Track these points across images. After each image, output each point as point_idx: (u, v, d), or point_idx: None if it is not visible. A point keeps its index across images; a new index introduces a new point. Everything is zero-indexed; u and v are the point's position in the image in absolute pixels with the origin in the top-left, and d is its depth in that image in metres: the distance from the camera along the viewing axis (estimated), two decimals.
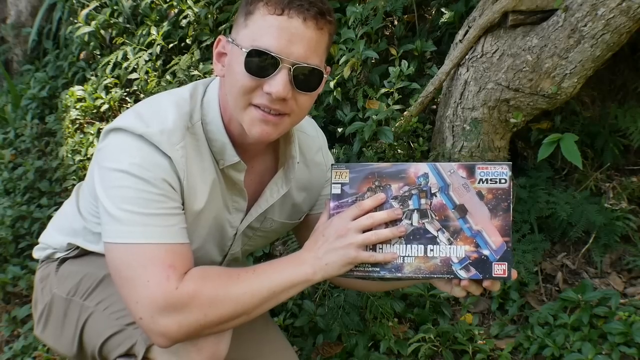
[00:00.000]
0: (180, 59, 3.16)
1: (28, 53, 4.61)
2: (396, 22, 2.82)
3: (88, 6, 3.80)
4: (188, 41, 3.27)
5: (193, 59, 3.11)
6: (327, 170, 1.54)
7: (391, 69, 2.51)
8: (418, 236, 1.20)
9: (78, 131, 3.46)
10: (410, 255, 1.20)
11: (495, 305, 2.18)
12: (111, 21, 3.65)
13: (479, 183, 1.19)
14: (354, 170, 1.26)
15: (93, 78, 3.65)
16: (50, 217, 2.90)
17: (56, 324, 1.47)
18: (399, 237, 1.21)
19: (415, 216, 1.21)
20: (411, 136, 2.46)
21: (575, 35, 2.02)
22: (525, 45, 2.13)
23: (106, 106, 3.40)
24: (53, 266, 1.52)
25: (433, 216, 1.20)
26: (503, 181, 1.18)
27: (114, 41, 3.63)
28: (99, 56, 3.77)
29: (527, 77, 2.14)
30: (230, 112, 1.26)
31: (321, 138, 1.57)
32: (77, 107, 3.48)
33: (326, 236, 1.21)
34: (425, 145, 2.42)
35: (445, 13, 2.66)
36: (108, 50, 3.74)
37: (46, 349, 2.30)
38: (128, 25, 3.63)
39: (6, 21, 4.81)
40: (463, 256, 1.18)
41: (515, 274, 1.19)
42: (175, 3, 3.33)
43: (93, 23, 3.69)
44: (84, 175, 3.07)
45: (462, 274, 1.18)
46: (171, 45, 3.32)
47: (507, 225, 1.17)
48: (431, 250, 1.20)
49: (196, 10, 3.20)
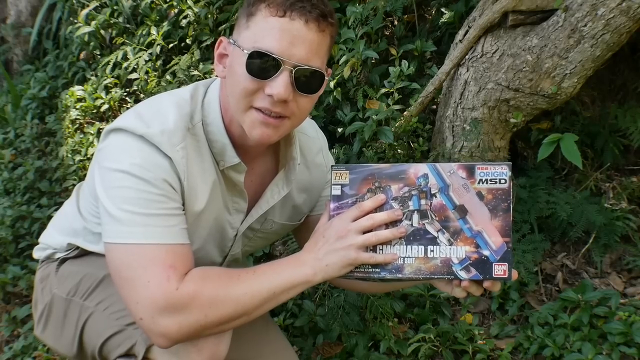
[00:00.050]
0: (180, 59, 3.16)
1: (29, 53, 4.60)
2: (396, 22, 2.82)
3: (88, 6, 3.80)
4: (188, 41, 3.27)
5: (193, 59, 3.11)
6: (328, 171, 1.54)
7: (391, 69, 2.51)
8: (418, 237, 1.20)
9: (78, 131, 3.46)
10: (410, 256, 1.20)
11: (495, 305, 2.18)
12: (111, 21, 3.65)
13: (479, 183, 1.19)
14: (354, 171, 1.25)
15: (93, 78, 3.65)
16: (50, 217, 2.90)
17: (56, 324, 1.47)
18: (399, 238, 1.21)
19: (415, 217, 1.21)
20: (411, 136, 2.46)
21: (575, 35, 2.02)
22: (525, 45, 2.13)
23: (106, 106, 3.40)
24: (53, 266, 1.52)
25: (433, 217, 1.20)
26: (503, 181, 1.18)
27: (114, 41, 3.63)
28: (99, 56, 3.77)
29: (527, 77, 2.14)
30: (231, 114, 1.26)
31: (321, 139, 1.57)
32: (77, 107, 3.48)
33: (326, 237, 1.21)
34: (425, 145, 2.42)
35: (445, 13, 2.65)
36: (108, 50, 3.74)
37: (46, 349, 2.30)
38: (128, 25, 3.62)
39: (6, 21, 4.81)
40: (463, 257, 1.18)
41: (515, 275, 1.19)
42: (175, 3, 3.33)
43: (93, 23, 3.69)
44: (84, 175, 3.06)
45: (463, 275, 1.18)
46: (171, 45, 3.32)
47: (507, 225, 1.17)
48: (431, 251, 1.20)
49: (196, 10, 3.20)
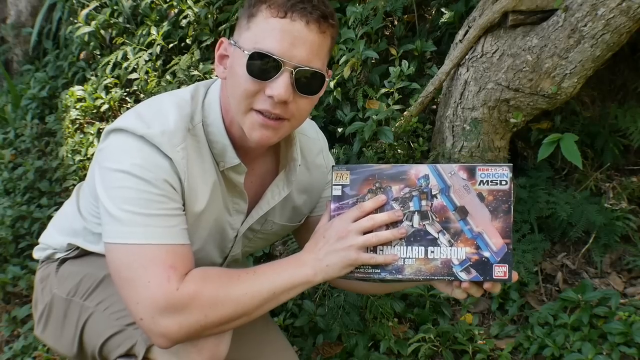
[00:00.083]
0: (180, 59, 3.16)
1: (29, 53, 4.60)
2: (396, 22, 2.82)
3: (88, 6, 3.80)
4: (188, 41, 3.27)
5: (193, 59, 3.11)
6: (328, 172, 1.54)
7: (391, 69, 2.51)
8: (419, 238, 1.20)
9: (78, 131, 3.46)
10: (410, 256, 1.20)
11: (495, 305, 2.18)
12: (111, 21, 3.65)
13: (480, 185, 1.19)
14: (355, 171, 1.25)
15: (93, 78, 3.65)
16: (50, 217, 2.90)
17: (56, 324, 1.47)
18: (400, 239, 1.21)
19: (415, 218, 1.21)
20: (411, 136, 2.46)
21: (575, 35, 2.02)
22: (525, 45, 2.13)
23: (106, 106, 3.40)
24: (53, 266, 1.52)
25: (434, 218, 1.20)
26: (504, 183, 1.18)
27: (114, 41, 3.63)
28: (99, 56, 3.77)
29: (527, 77, 2.14)
30: (231, 115, 1.26)
31: (322, 140, 1.57)
32: (77, 107, 3.48)
33: (327, 238, 1.21)
34: (425, 145, 2.42)
35: (445, 13, 2.65)
36: (108, 50, 3.74)
37: (46, 349, 2.30)
38: (128, 25, 3.62)
39: (6, 21, 4.81)
40: (464, 258, 1.18)
41: (516, 276, 1.19)
42: (175, 3, 3.33)
43: (93, 23, 3.69)
44: (84, 175, 3.06)
45: (463, 276, 1.18)
46: (171, 45, 3.32)
47: (508, 227, 1.17)
48: (432, 252, 1.19)
49: (196, 10, 3.20)
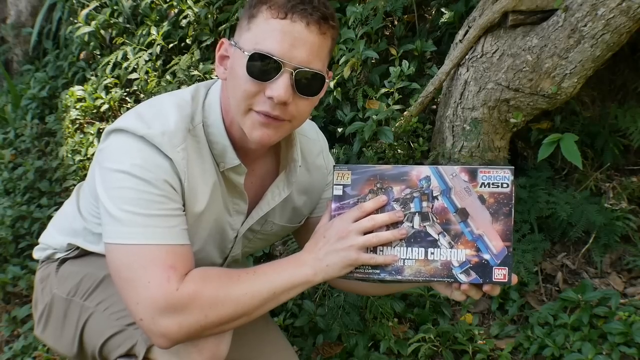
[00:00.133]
0: (180, 59, 3.16)
1: (29, 53, 4.60)
2: (396, 22, 2.82)
3: (88, 6, 3.80)
4: (188, 41, 3.27)
5: (193, 59, 3.11)
6: (328, 173, 1.54)
7: (391, 69, 2.50)
8: (419, 239, 1.20)
9: (78, 131, 3.46)
10: (410, 258, 1.20)
11: (495, 305, 2.18)
12: (111, 21, 3.65)
13: (481, 187, 1.19)
14: (356, 171, 1.25)
15: (93, 78, 3.65)
16: (50, 217, 2.90)
17: (56, 324, 1.47)
18: (400, 240, 1.21)
19: (416, 219, 1.21)
20: (411, 136, 2.46)
21: (575, 35, 2.02)
22: (525, 45, 2.13)
23: (106, 106, 3.40)
24: (53, 266, 1.52)
25: (434, 219, 1.20)
26: (505, 185, 1.18)
27: (114, 41, 3.63)
28: (99, 56, 3.77)
29: (527, 77, 2.14)
30: (231, 115, 1.26)
31: (322, 141, 1.57)
32: (77, 107, 3.48)
33: (327, 237, 1.22)
34: (425, 145, 2.42)
35: (445, 13, 2.65)
36: (108, 50, 3.74)
37: (46, 349, 2.30)
38: (128, 25, 3.62)
39: (6, 21, 4.81)
40: (464, 260, 1.18)
41: (515, 279, 1.19)
42: (175, 3, 3.33)
43: (93, 23, 3.69)
44: (84, 175, 3.06)
45: (463, 278, 1.18)
46: (171, 45, 3.32)
47: (509, 229, 1.17)
48: (432, 253, 1.19)
49: (196, 10, 3.20)
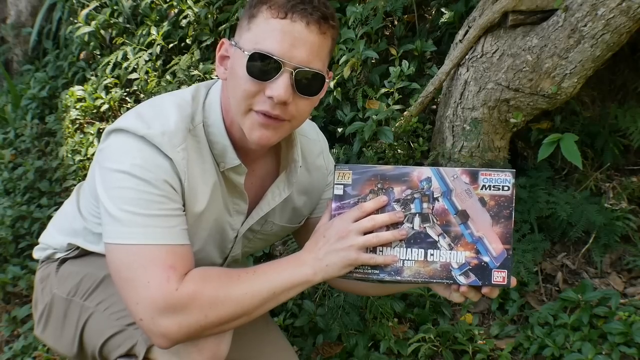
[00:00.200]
0: (180, 59, 3.16)
1: (29, 53, 4.60)
2: (396, 22, 2.82)
3: (88, 6, 3.80)
4: (188, 41, 3.27)
5: (193, 59, 3.11)
6: (328, 174, 1.54)
7: (391, 69, 2.51)
8: (419, 240, 1.20)
9: (78, 131, 3.46)
10: (410, 258, 1.20)
11: (495, 305, 2.18)
12: (111, 21, 3.65)
13: (482, 189, 1.19)
14: (357, 171, 1.25)
15: (93, 78, 3.65)
16: (50, 217, 2.90)
17: (56, 324, 1.47)
18: (400, 240, 1.21)
19: (416, 220, 1.21)
20: (411, 136, 2.46)
21: (575, 35, 2.02)
22: (525, 45, 2.13)
23: (106, 106, 3.40)
24: (53, 266, 1.52)
25: (434, 221, 1.20)
26: (506, 188, 1.18)
27: (114, 41, 3.63)
28: (99, 56, 3.77)
29: (527, 77, 2.14)
30: (232, 115, 1.26)
31: (322, 142, 1.57)
32: (77, 107, 3.48)
33: (327, 237, 1.21)
34: (425, 145, 2.42)
35: (445, 13, 2.65)
36: (108, 50, 3.74)
37: (46, 349, 2.30)
38: (128, 25, 3.62)
39: (6, 21, 4.81)
40: (463, 262, 1.18)
41: (514, 282, 1.19)
42: (175, 3, 3.33)
43: (93, 23, 3.69)
44: (84, 175, 3.07)
45: (462, 280, 1.18)
46: (171, 45, 3.32)
47: (509, 232, 1.17)
48: (431, 254, 1.20)
49: (196, 10, 3.20)
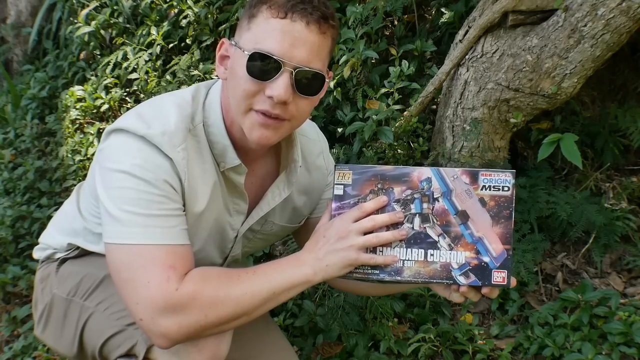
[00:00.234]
0: (180, 59, 3.16)
1: (28, 53, 4.60)
2: (396, 22, 2.82)
3: (88, 6, 3.80)
4: (188, 41, 3.27)
5: (193, 59, 3.11)
6: (328, 174, 1.54)
7: (391, 69, 2.51)
8: (419, 240, 1.20)
9: (78, 131, 3.46)
10: (410, 259, 1.20)
11: (495, 305, 2.18)
12: (111, 21, 3.65)
13: (482, 190, 1.19)
14: (357, 171, 1.25)
15: (93, 78, 3.65)
16: (50, 217, 2.90)
17: (56, 324, 1.47)
18: (400, 241, 1.21)
19: (416, 220, 1.21)
20: (411, 136, 2.46)
21: (575, 35, 2.02)
22: (525, 45, 2.13)
23: (106, 106, 3.40)
24: (53, 266, 1.52)
25: (435, 221, 1.20)
26: (506, 189, 1.18)
27: (114, 41, 3.63)
28: (99, 56, 3.77)
29: (527, 77, 2.14)
30: (232, 115, 1.26)
31: (322, 142, 1.57)
32: (77, 107, 3.48)
33: (327, 237, 1.21)
34: (425, 145, 2.42)
35: (445, 13, 2.65)
36: (108, 50, 3.74)
37: (46, 349, 2.30)
38: (128, 25, 3.62)
39: (6, 21, 4.81)
40: (463, 262, 1.18)
41: (514, 282, 1.19)
42: (175, 3, 3.33)
43: (93, 23, 3.69)
44: (84, 175, 3.07)
45: (462, 280, 1.18)
46: (171, 45, 3.32)
47: (509, 233, 1.17)
48: (431, 255, 1.20)
49: (196, 10, 3.20)
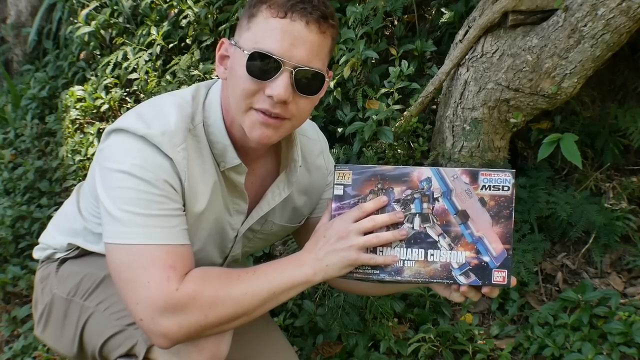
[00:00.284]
0: (180, 59, 3.16)
1: (27, 53, 4.60)
2: (396, 22, 2.82)
3: (88, 6, 3.80)
4: (188, 41, 3.27)
5: (193, 59, 3.11)
6: (328, 174, 1.54)
7: (391, 69, 2.50)
8: (419, 240, 1.20)
9: (78, 131, 3.46)
10: (410, 259, 1.20)
11: (495, 305, 2.18)
12: (111, 21, 3.65)
13: (482, 189, 1.19)
14: (357, 171, 1.25)
15: (93, 78, 3.65)
16: (50, 217, 2.90)
17: (56, 324, 1.47)
18: (400, 241, 1.21)
19: (416, 220, 1.21)
20: (411, 136, 2.46)
21: (575, 35, 2.02)
22: (525, 45, 2.13)
23: (106, 106, 3.40)
24: (53, 266, 1.52)
25: (435, 221, 1.20)
26: (506, 188, 1.18)
27: (114, 41, 3.63)
28: (99, 56, 3.77)
29: (527, 77, 2.14)
30: (232, 115, 1.26)
31: (322, 141, 1.57)
32: (77, 107, 3.48)
33: (327, 237, 1.21)
34: (425, 145, 2.42)
35: (445, 13, 2.65)
36: (108, 50, 3.74)
37: (46, 349, 2.30)
38: (128, 25, 3.62)
39: (6, 21, 4.81)
40: (463, 262, 1.18)
41: (514, 282, 1.19)
42: (175, 3, 3.33)
43: (93, 23, 3.69)
44: (84, 175, 3.07)
45: (462, 280, 1.18)
46: (171, 45, 3.32)
47: (509, 232, 1.17)
48: (431, 254, 1.20)
49: (196, 10, 3.20)
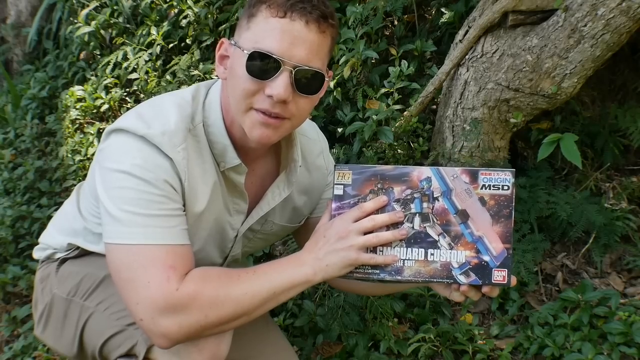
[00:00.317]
0: (180, 59, 3.16)
1: (27, 52, 4.60)
2: (396, 22, 2.82)
3: (88, 6, 3.80)
4: (188, 41, 3.27)
5: (193, 59, 3.11)
6: (328, 173, 1.54)
7: (391, 69, 2.50)
8: (419, 240, 1.20)
9: (78, 131, 3.46)
10: (410, 258, 1.20)
11: (495, 305, 2.18)
12: (111, 21, 3.65)
13: (482, 189, 1.19)
14: (357, 171, 1.25)
15: (93, 78, 3.65)
16: (50, 217, 2.90)
17: (56, 324, 1.47)
18: (400, 240, 1.21)
19: (416, 220, 1.21)
20: (411, 136, 2.46)
21: (575, 35, 2.02)
22: (525, 45, 2.13)
23: (106, 106, 3.40)
24: (53, 266, 1.52)
25: (435, 220, 1.20)
26: (506, 188, 1.18)
27: (114, 41, 3.63)
28: (99, 56, 3.77)
29: (527, 77, 2.14)
30: (232, 115, 1.26)
31: (322, 141, 1.57)
32: (77, 107, 3.48)
33: (327, 237, 1.21)
34: (425, 145, 2.42)
35: (445, 13, 2.65)
36: (108, 50, 3.74)
37: (46, 349, 2.30)
38: (128, 25, 3.62)
39: (6, 21, 4.81)
40: (463, 261, 1.18)
41: (514, 281, 1.19)
42: (175, 3, 3.33)
43: (93, 23, 3.69)
44: (84, 175, 3.07)
45: (462, 279, 1.18)
46: (171, 45, 3.32)
47: (509, 232, 1.17)
48: (432, 254, 1.20)
49: (196, 10, 3.20)
